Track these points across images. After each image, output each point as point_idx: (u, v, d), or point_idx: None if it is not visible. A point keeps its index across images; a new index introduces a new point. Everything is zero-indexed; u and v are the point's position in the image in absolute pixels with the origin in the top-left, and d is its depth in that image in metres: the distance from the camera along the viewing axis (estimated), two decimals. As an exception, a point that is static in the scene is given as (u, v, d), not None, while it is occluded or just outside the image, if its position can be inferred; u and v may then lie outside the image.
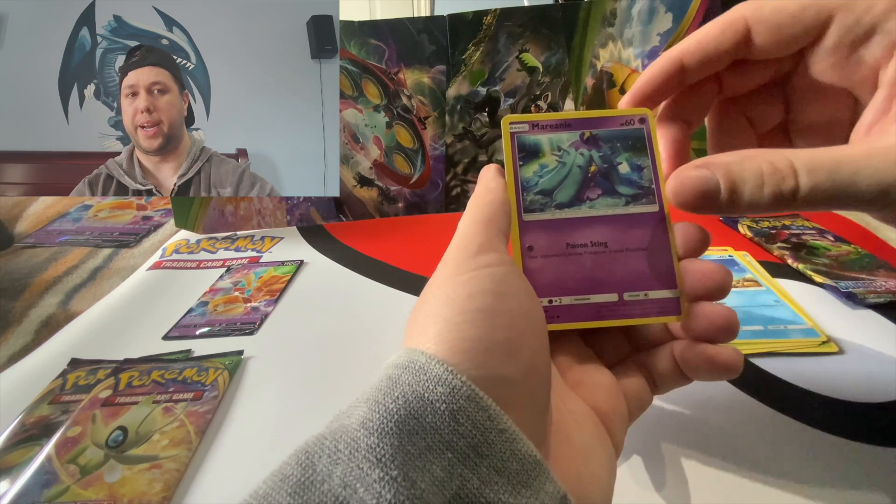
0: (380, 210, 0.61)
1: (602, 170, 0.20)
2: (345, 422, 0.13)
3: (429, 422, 0.12)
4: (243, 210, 0.56)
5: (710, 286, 0.19)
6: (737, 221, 0.52)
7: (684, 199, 0.17)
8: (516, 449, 0.13)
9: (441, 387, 0.13)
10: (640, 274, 0.19)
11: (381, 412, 0.12)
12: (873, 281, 0.40)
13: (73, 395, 0.31)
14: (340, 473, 0.11)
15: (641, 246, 0.20)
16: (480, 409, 0.13)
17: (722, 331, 0.18)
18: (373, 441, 0.12)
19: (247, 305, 0.41)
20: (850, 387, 0.31)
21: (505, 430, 0.13)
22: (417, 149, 0.59)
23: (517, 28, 0.56)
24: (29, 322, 0.42)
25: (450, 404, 0.13)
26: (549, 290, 0.19)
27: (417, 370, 0.13)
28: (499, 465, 0.13)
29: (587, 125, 0.21)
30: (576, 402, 0.18)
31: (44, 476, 0.25)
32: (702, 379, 0.19)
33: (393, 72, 0.56)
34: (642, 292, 0.19)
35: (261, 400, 0.31)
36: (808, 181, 0.15)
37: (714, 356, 0.18)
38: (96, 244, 0.55)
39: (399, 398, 0.13)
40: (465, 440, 0.13)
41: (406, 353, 0.14)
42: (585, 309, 0.19)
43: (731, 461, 0.26)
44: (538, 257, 0.19)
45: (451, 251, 0.18)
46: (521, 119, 0.20)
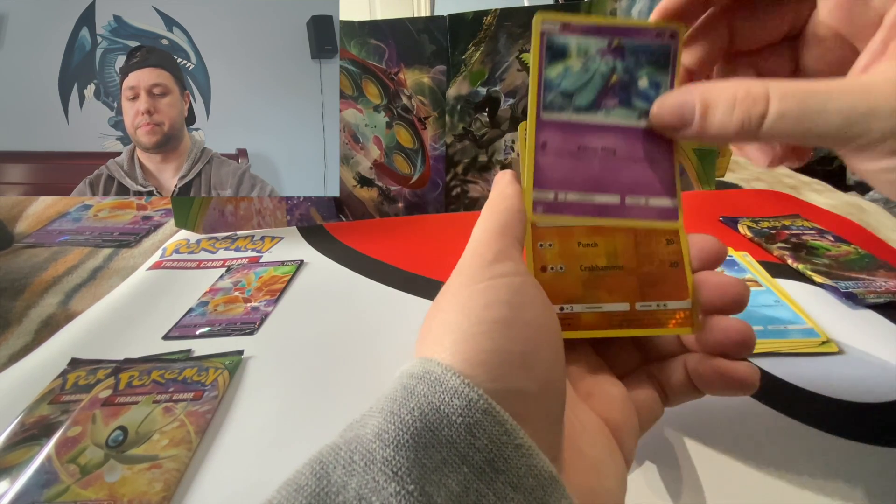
0: (380, 210, 0.61)
1: (622, 81, 0.20)
2: (359, 431, 0.13)
3: (445, 435, 0.12)
4: (243, 210, 0.56)
5: (726, 300, 0.19)
6: (737, 222, 0.52)
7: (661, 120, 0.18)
8: (532, 465, 0.13)
9: (457, 399, 0.13)
10: (643, 181, 0.20)
11: (396, 423, 0.12)
12: (873, 281, 0.40)
13: (73, 394, 0.31)
14: (356, 486, 0.11)
15: (647, 157, 0.20)
16: (497, 423, 0.13)
17: (738, 345, 0.18)
18: (388, 453, 0.12)
19: (247, 305, 0.41)
20: (850, 387, 0.31)
21: (521, 445, 0.13)
22: (417, 149, 0.59)
23: (517, 28, 0.56)
24: (29, 322, 0.42)
25: (466, 417, 0.13)
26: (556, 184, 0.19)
27: (433, 381, 0.13)
28: (515, 480, 0.12)
29: (617, 33, 0.20)
30: (587, 414, 0.18)
31: (44, 476, 0.25)
32: (715, 394, 0.19)
33: (393, 72, 0.56)
34: (643, 197, 0.20)
35: (261, 400, 0.31)
36: (778, 107, 0.15)
37: (729, 371, 0.18)
38: (96, 244, 0.55)
39: (415, 410, 0.13)
40: (481, 455, 0.12)
41: (421, 363, 0.14)
42: (588, 208, 0.19)
43: (730, 461, 0.26)
44: (550, 155, 0.20)
45: (466, 259, 0.17)
46: (554, 18, 0.20)
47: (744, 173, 0.75)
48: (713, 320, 0.19)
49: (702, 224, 0.53)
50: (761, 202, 0.59)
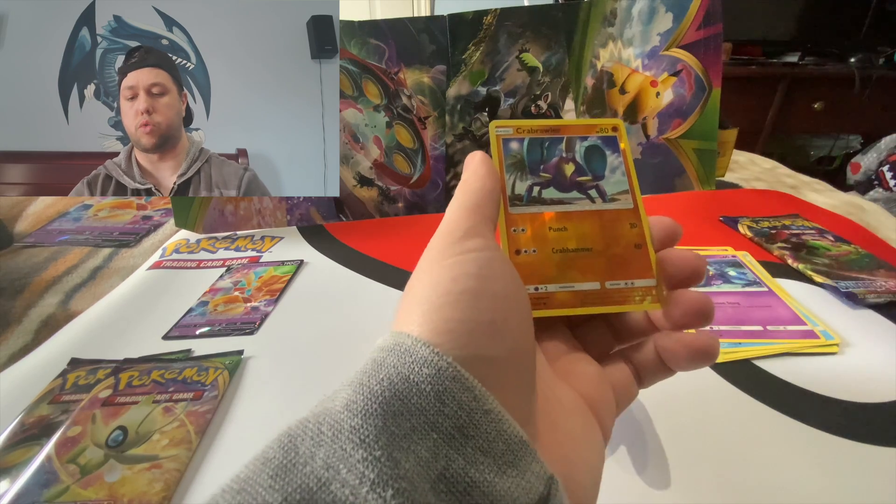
0: (380, 210, 0.61)
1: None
2: (329, 405, 0.13)
3: (414, 403, 0.12)
4: (243, 210, 0.56)
5: (687, 271, 0.20)
6: (737, 221, 0.52)
7: None
8: (502, 429, 0.13)
9: (427, 368, 0.13)
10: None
11: (365, 394, 0.12)
12: (873, 281, 0.40)
13: (73, 394, 0.31)
14: (323, 455, 0.11)
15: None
16: (466, 389, 0.13)
17: (698, 314, 0.19)
18: (356, 422, 0.12)
19: (247, 305, 0.41)
20: (851, 387, 0.31)
21: (490, 410, 0.13)
22: (417, 149, 0.59)
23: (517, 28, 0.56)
24: (29, 322, 0.42)
25: (435, 385, 0.13)
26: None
27: (403, 352, 0.13)
28: (484, 445, 0.13)
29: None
30: (564, 391, 0.18)
31: (44, 476, 0.25)
32: (681, 367, 0.19)
33: (393, 71, 0.56)
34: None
35: (261, 400, 0.31)
36: None
37: (692, 342, 0.19)
38: (96, 244, 0.55)
39: (384, 380, 0.13)
40: (450, 421, 0.13)
41: (392, 336, 0.15)
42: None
43: (731, 461, 0.26)
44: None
45: (437, 237, 0.18)
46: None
47: (744, 173, 0.75)
48: (676, 294, 0.20)
49: (702, 224, 0.53)
50: (761, 202, 0.59)
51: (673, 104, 0.59)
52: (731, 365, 0.33)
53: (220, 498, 0.11)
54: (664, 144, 0.60)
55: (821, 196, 0.65)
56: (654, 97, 0.59)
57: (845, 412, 0.29)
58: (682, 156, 0.60)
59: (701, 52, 0.56)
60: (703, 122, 0.58)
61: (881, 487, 0.25)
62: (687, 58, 0.57)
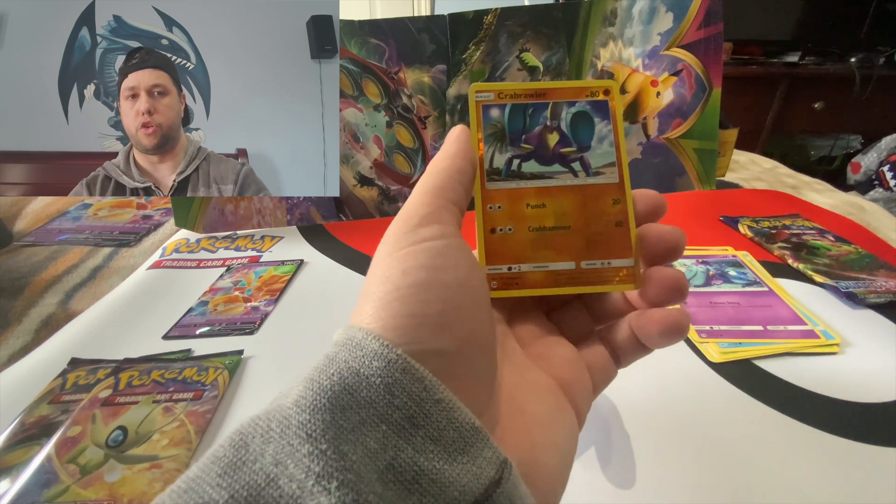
0: (380, 210, 0.60)
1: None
2: (281, 402, 0.13)
3: (363, 396, 0.13)
4: (243, 209, 0.56)
5: (668, 245, 0.19)
6: (737, 221, 0.52)
7: None
8: (453, 417, 0.13)
9: (377, 361, 0.13)
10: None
11: (314, 389, 0.13)
12: (873, 281, 0.40)
13: (73, 394, 0.31)
14: (272, 451, 0.11)
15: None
16: (416, 380, 0.13)
17: (673, 290, 0.19)
18: (304, 418, 0.12)
19: (247, 305, 0.41)
20: (851, 387, 0.31)
21: (441, 399, 0.13)
22: (418, 148, 0.59)
23: (518, 27, 0.56)
24: (29, 321, 0.42)
25: (385, 378, 0.13)
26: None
27: (354, 346, 0.14)
28: (434, 433, 0.13)
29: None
30: (537, 374, 0.18)
31: (44, 476, 0.25)
32: (655, 344, 0.19)
33: (393, 71, 0.56)
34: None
35: (261, 400, 0.31)
36: None
37: (664, 318, 0.18)
38: (96, 243, 0.55)
39: (334, 375, 0.13)
40: (400, 412, 0.13)
41: (345, 331, 0.15)
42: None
43: (731, 461, 0.26)
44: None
45: (393, 225, 0.17)
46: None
47: (744, 173, 0.75)
48: (650, 272, 0.19)
49: (702, 223, 0.53)
50: (762, 202, 0.59)
51: (673, 104, 0.59)
52: (732, 365, 0.33)
53: (167, 497, 0.11)
54: (664, 144, 0.60)
55: (821, 196, 0.65)
56: (654, 97, 0.59)
57: (846, 412, 0.29)
58: (683, 156, 0.60)
59: (701, 51, 0.56)
60: (703, 121, 0.58)
61: (881, 487, 0.25)
62: (687, 57, 0.57)
